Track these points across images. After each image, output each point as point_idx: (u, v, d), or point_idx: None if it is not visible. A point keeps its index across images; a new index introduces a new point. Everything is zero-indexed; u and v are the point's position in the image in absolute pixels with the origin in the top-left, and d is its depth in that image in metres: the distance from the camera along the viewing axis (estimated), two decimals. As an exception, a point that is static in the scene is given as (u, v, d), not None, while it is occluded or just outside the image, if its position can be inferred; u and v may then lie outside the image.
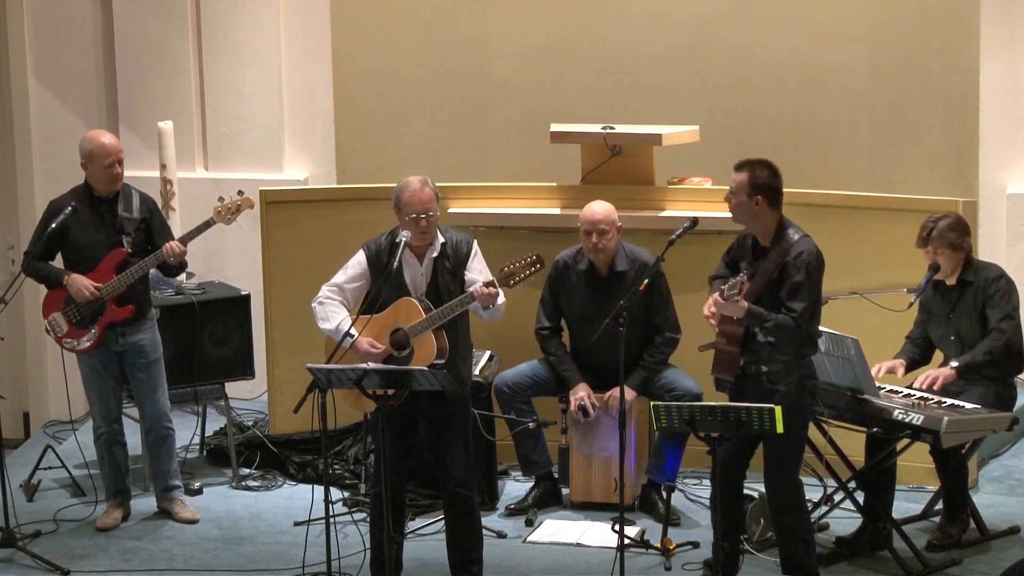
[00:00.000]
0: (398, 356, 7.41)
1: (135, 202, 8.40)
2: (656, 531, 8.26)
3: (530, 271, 7.29)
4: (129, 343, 8.46)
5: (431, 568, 8.00)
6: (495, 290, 7.26)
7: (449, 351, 7.39)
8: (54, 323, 8.44)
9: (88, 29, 10.71)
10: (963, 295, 8.11)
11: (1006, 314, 8.01)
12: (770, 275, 7.24)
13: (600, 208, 8.56)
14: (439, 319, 7.34)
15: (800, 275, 7.17)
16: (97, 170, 8.35)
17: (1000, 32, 10.14)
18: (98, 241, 8.36)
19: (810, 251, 7.23)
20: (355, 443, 9.23)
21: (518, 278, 7.30)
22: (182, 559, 8.26)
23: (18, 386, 10.82)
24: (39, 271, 8.41)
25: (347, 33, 10.62)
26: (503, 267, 7.34)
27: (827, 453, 8.25)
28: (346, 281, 7.56)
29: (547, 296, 8.77)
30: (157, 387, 8.58)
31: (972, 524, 8.24)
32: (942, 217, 8.09)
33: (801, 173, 10.01)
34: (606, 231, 8.51)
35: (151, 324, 8.55)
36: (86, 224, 8.36)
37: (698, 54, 10.31)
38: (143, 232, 8.38)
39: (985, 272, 8.12)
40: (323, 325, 7.51)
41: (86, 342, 8.42)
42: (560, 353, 8.70)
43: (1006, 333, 7.99)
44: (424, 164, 10.16)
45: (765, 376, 7.28)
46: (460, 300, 7.32)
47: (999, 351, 8.00)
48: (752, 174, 7.26)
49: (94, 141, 8.37)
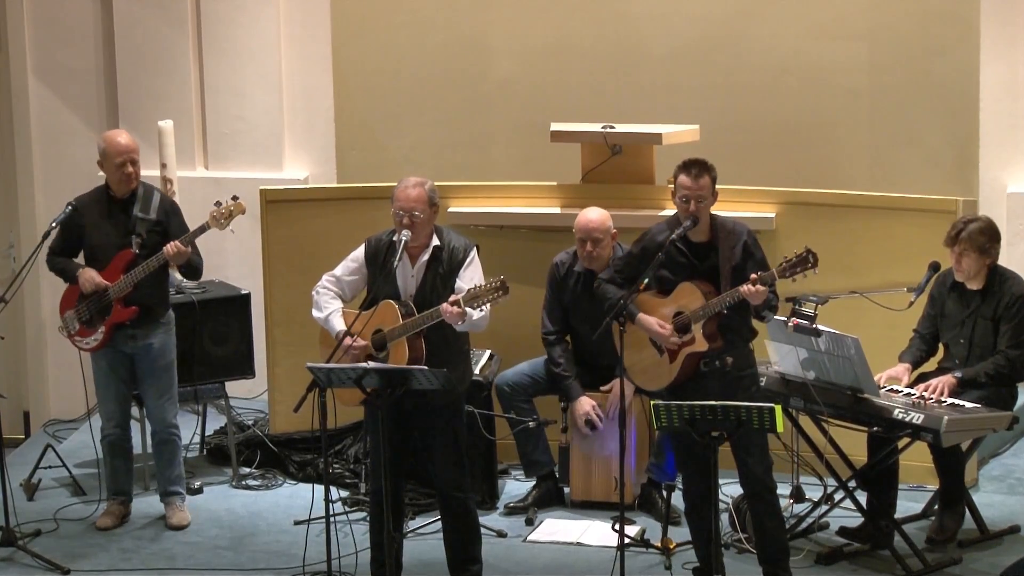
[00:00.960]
0: (377, 357, 7.42)
1: (153, 204, 8.40)
2: (656, 530, 8.26)
3: (494, 295, 7.24)
4: (140, 346, 8.46)
5: (431, 568, 8.00)
6: (458, 310, 7.24)
7: (429, 357, 7.35)
8: (68, 321, 8.47)
9: (88, 29, 10.71)
10: (984, 302, 8.09)
11: (1016, 341, 8.00)
12: (731, 261, 7.31)
13: (595, 216, 8.54)
14: (411, 328, 7.35)
15: (759, 251, 7.38)
16: (110, 169, 8.37)
17: (1000, 32, 10.14)
18: (110, 241, 8.38)
19: (750, 230, 7.44)
20: (355, 442, 9.23)
21: (482, 300, 7.26)
22: (182, 559, 8.27)
23: (18, 386, 10.83)
24: (57, 265, 8.50)
25: (347, 33, 10.62)
26: (471, 288, 7.32)
27: (827, 452, 8.25)
28: (344, 273, 7.61)
29: (550, 299, 8.76)
30: (164, 391, 8.56)
31: (972, 524, 8.25)
32: (973, 220, 8.08)
33: (801, 173, 10.05)
34: (600, 239, 8.51)
35: (163, 328, 8.52)
36: (100, 223, 8.39)
37: (698, 54, 10.31)
38: (158, 235, 8.35)
39: (1011, 285, 8.08)
40: (315, 314, 7.58)
41: (93, 341, 8.44)
42: (564, 362, 8.67)
43: (1012, 362, 7.99)
44: (424, 164, 10.17)
45: (733, 366, 7.35)
46: (429, 313, 7.32)
47: (1002, 377, 8.00)
48: (711, 173, 7.36)
49: (108, 139, 8.39)
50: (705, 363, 7.38)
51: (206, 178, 10.54)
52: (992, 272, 8.11)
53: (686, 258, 7.39)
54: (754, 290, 7.16)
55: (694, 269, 7.39)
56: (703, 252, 7.39)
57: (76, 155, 10.77)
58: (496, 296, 7.22)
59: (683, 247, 7.38)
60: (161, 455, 8.65)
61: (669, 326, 7.38)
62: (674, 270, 7.41)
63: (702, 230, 7.39)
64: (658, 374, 7.51)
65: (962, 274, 8.09)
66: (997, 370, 7.99)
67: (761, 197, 9.13)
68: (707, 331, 7.34)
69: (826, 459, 8.25)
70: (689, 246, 7.39)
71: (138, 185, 8.41)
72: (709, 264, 7.36)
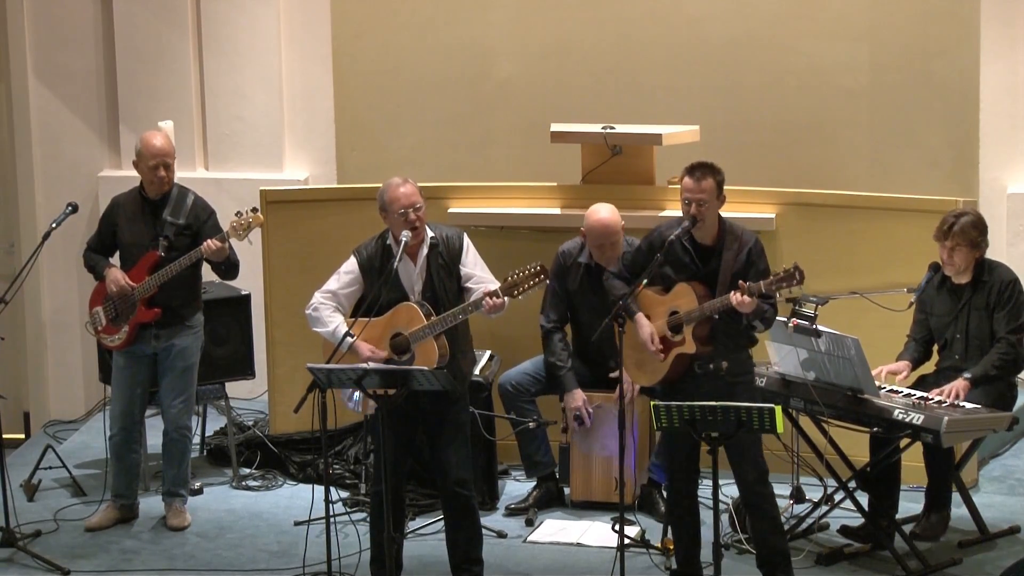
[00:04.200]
0: (399, 361, 7.41)
1: (185, 207, 8.42)
2: (656, 531, 8.27)
3: (534, 281, 7.26)
4: (163, 346, 8.48)
5: (431, 568, 8.00)
6: (500, 300, 7.27)
7: (449, 350, 7.39)
8: (95, 317, 8.52)
9: (88, 29, 10.71)
10: (975, 293, 8.09)
11: (1016, 325, 8.00)
12: (732, 268, 7.31)
13: (608, 217, 8.50)
14: (441, 325, 7.34)
15: (763, 261, 7.36)
16: (143, 170, 8.42)
17: (1000, 32, 10.14)
18: (139, 241, 8.42)
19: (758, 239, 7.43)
20: (355, 443, 9.24)
21: (522, 288, 7.27)
22: (182, 559, 8.27)
23: (18, 386, 10.83)
24: (89, 261, 8.57)
25: (347, 33, 10.62)
26: (507, 276, 7.32)
27: (827, 453, 8.26)
28: (340, 287, 7.57)
29: (555, 288, 8.71)
30: (181, 393, 8.55)
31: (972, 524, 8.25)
32: (964, 213, 8.08)
33: (801, 173, 10.04)
34: (616, 242, 8.52)
35: (190, 331, 8.53)
36: (132, 223, 8.45)
37: (698, 54, 10.31)
38: (187, 238, 8.38)
39: (999, 273, 8.09)
40: (320, 329, 7.54)
41: (117, 339, 8.46)
42: (559, 351, 8.67)
43: (1014, 346, 7.99)
44: (424, 164, 10.18)
45: (728, 371, 7.35)
46: (463, 308, 7.32)
47: (1009, 365, 8.00)
48: (715, 176, 7.34)
49: (144, 141, 8.43)
50: (699, 365, 7.39)
51: (206, 179, 10.52)
52: (979, 264, 8.11)
53: (690, 259, 7.40)
54: (740, 299, 7.17)
55: (697, 271, 7.40)
56: (707, 255, 7.40)
57: (76, 155, 10.77)
58: (536, 282, 7.24)
59: (689, 248, 7.40)
60: (170, 455, 8.64)
61: (658, 338, 7.40)
62: (677, 269, 7.43)
63: (709, 233, 7.39)
64: (651, 370, 7.54)
65: (952, 268, 8.09)
66: (1002, 359, 7.98)
67: (761, 197, 9.13)
68: (698, 334, 7.35)
69: (826, 460, 8.25)
70: (695, 247, 7.41)
71: (172, 187, 8.44)
72: (711, 268, 7.37)
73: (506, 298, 7.29)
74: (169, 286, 8.33)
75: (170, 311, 8.41)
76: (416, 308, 7.39)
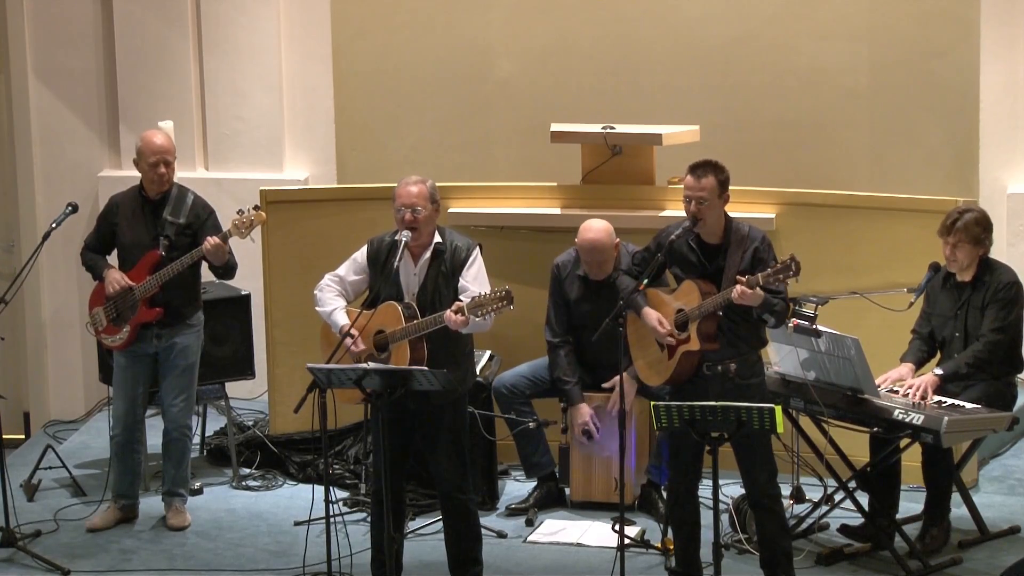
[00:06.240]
0: (378, 358, 7.42)
1: (185, 206, 8.42)
2: (656, 531, 8.27)
3: (499, 305, 7.23)
4: (164, 345, 8.48)
5: (431, 568, 8.00)
6: (462, 318, 7.24)
7: (432, 357, 7.35)
8: (96, 318, 8.51)
9: (88, 29, 10.71)
10: (976, 292, 8.08)
11: (999, 325, 7.98)
12: (738, 265, 7.30)
13: (596, 235, 8.49)
14: (414, 331, 7.35)
15: (772, 259, 7.29)
16: (143, 168, 8.41)
17: (1000, 32, 10.14)
18: (139, 241, 8.42)
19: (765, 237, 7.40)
20: (355, 443, 9.24)
21: (487, 310, 7.25)
22: (182, 559, 8.27)
23: (18, 386, 10.83)
24: (88, 261, 8.56)
25: (347, 33, 10.62)
26: (476, 295, 7.32)
27: (827, 453, 8.25)
28: (347, 274, 7.63)
29: (554, 303, 8.73)
30: (182, 391, 8.56)
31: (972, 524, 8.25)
32: (968, 210, 8.07)
33: (801, 173, 10.05)
34: (605, 260, 8.51)
35: (190, 329, 8.53)
36: (132, 222, 8.45)
37: (698, 54, 10.31)
38: (187, 237, 8.38)
39: (1000, 274, 8.08)
40: (319, 309, 7.60)
41: (118, 339, 8.46)
42: (565, 366, 8.65)
43: (989, 346, 7.95)
44: (424, 164, 10.17)
45: (736, 373, 7.33)
46: (433, 319, 7.33)
47: (983, 364, 7.97)
48: (717, 175, 7.32)
49: (144, 139, 8.44)
50: (708, 367, 7.37)
51: (206, 179, 10.52)
52: (983, 263, 8.10)
53: (697, 257, 7.40)
54: (740, 291, 7.16)
55: (703, 269, 7.39)
56: (713, 253, 7.39)
57: (76, 155, 10.77)
58: (500, 306, 7.21)
59: (695, 246, 7.39)
60: (170, 454, 8.64)
61: (668, 323, 7.39)
62: (684, 268, 7.43)
63: (715, 232, 7.38)
64: (658, 370, 7.53)
65: (955, 264, 8.09)
66: (976, 357, 7.95)
67: (761, 197, 9.13)
68: (704, 331, 7.34)
69: (826, 460, 8.25)
70: (701, 246, 7.40)
71: (172, 187, 8.44)
72: (717, 266, 7.36)
73: (471, 317, 7.26)
74: (170, 285, 8.34)
75: (171, 310, 8.41)
76: (397, 308, 7.39)
